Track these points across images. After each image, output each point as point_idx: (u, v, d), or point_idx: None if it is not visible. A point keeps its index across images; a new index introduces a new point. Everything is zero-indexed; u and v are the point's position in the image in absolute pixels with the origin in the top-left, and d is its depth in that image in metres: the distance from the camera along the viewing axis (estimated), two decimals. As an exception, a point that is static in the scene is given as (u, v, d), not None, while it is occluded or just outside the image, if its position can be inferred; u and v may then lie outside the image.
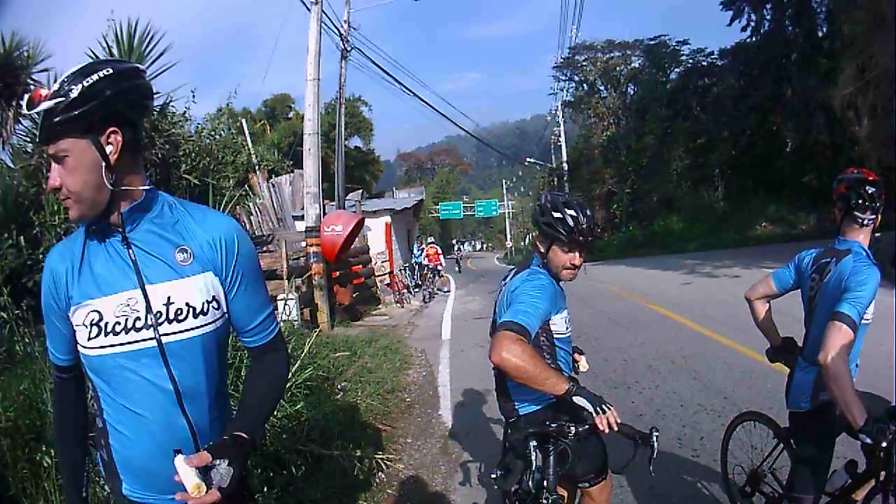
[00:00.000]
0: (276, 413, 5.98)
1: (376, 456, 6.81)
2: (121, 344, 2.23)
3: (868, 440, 3.31)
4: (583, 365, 4.42)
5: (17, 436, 4.62)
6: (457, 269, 44.25)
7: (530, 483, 3.72)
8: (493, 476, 3.93)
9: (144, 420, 2.30)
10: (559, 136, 61.96)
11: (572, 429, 3.49)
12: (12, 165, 10.53)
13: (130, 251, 2.29)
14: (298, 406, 6.64)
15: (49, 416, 4.87)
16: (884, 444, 3.29)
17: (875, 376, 5.21)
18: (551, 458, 3.69)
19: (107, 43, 11.42)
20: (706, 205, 43.77)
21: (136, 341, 2.24)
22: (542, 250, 3.83)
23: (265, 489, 5.27)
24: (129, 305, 2.24)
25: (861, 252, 3.81)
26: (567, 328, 3.91)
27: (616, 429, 3.32)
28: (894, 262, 16.59)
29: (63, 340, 2.41)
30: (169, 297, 2.28)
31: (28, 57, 14.01)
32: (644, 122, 48.39)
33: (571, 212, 3.68)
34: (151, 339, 2.25)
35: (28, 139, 11.37)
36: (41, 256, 8.61)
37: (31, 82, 14.32)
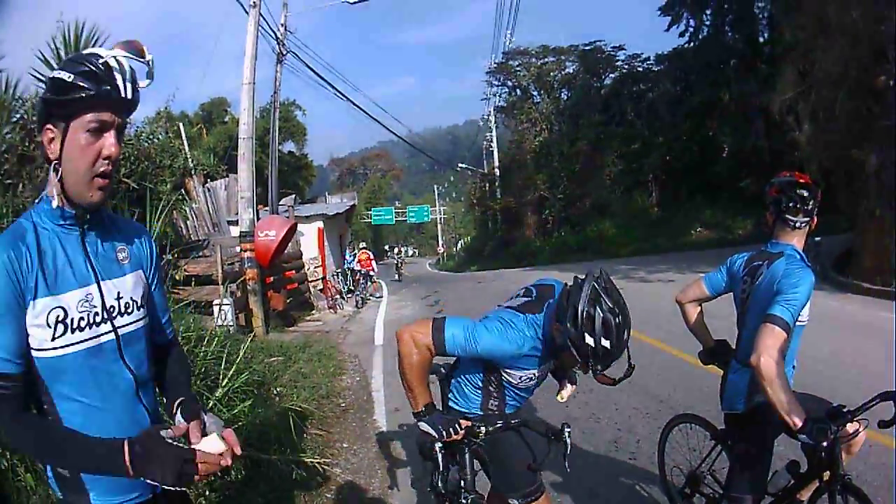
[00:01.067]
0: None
1: (314, 460, 6.82)
2: (85, 340, 2.22)
3: (809, 441, 3.35)
4: (561, 395, 4.31)
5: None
6: (396, 276, 42.67)
7: (439, 483, 3.78)
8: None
9: (110, 415, 2.28)
10: (491, 141, 62.07)
11: (482, 428, 3.54)
12: None
13: (86, 248, 2.30)
14: (236, 410, 6.56)
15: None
16: (825, 445, 3.33)
17: (817, 378, 5.28)
18: (467, 457, 3.75)
19: (55, 45, 11.42)
20: (640, 210, 43.96)
21: (98, 336, 2.25)
22: (557, 341, 3.44)
23: (207, 493, 5.25)
24: (87, 301, 2.24)
25: (794, 255, 3.85)
26: (522, 381, 3.73)
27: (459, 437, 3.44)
28: (835, 266, 16.89)
29: (18, 339, 2.11)
30: (118, 293, 2.35)
31: None
32: (577, 128, 48.44)
33: (606, 343, 3.23)
34: (110, 331, 2.29)
35: None
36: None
37: None
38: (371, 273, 26.98)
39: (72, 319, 2.19)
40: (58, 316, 2.16)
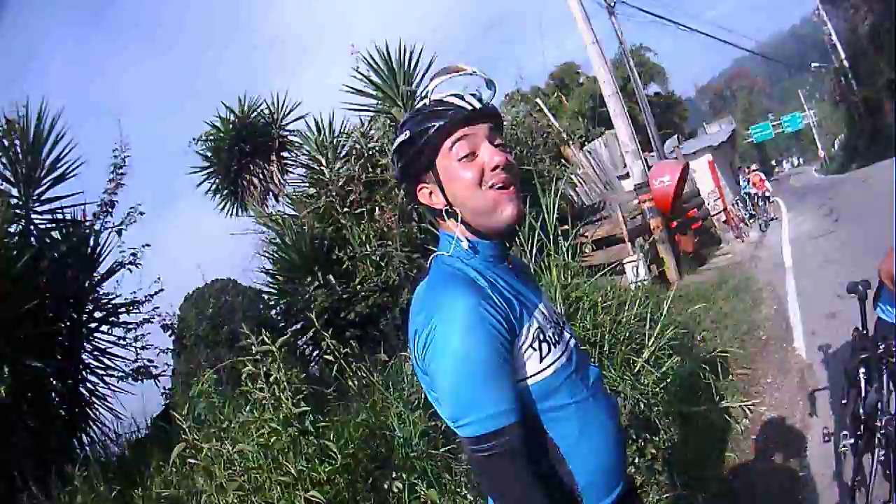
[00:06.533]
0: (644, 381, 6.09)
1: (740, 404, 6.86)
2: (563, 352, 2.05)
3: None
4: None
5: (356, 468, 4.56)
6: None
7: (861, 410, 3.72)
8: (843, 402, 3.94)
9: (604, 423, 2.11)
10: (829, 34, 57.43)
11: None
12: (296, 213, 11.34)
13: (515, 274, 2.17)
14: (664, 368, 6.43)
15: (396, 440, 4.91)
16: None
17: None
18: (885, 378, 3.56)
19: (363, 75, 12.59)
20: None
21: (567, 342, 2.13)
22: None
23: (636, 460, 5.33)
24: (547, 317, 2.09)
25: None
26: None
27: None
28: None
29: (514, 388, 1.91)
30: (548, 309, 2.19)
31: (272, 113, 15.33)
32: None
33: None
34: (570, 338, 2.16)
35: (308, 183, 12.29)
36: (357, 288, 9.30)
37: (285, 133, 15.63)
38: (767, 193, 26.41)
39: (548, 337, 2.01)
40: (539, 336, 1.98)
